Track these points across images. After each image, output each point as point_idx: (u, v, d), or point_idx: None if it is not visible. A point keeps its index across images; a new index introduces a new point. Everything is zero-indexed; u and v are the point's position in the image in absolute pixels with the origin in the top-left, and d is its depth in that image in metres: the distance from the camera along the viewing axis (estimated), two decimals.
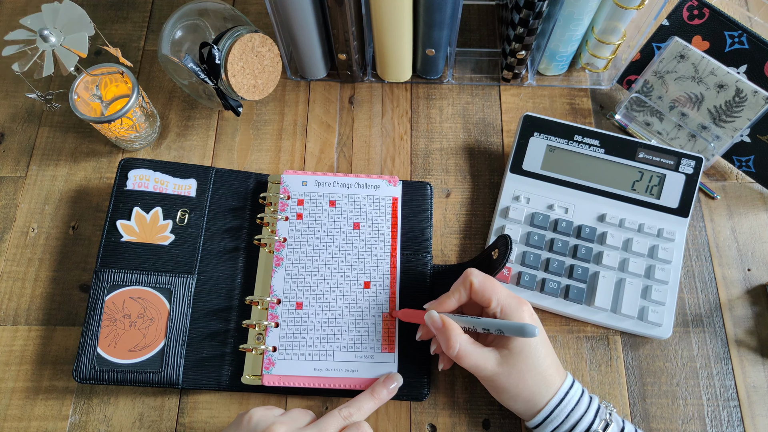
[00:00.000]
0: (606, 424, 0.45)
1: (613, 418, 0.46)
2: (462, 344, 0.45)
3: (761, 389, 0.53)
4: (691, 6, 0.57)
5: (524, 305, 0.46)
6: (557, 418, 0.45)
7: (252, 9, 0.71)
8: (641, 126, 0.63)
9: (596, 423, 0.44)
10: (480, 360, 0.45)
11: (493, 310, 0.46)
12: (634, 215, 0.57)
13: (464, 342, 0.46)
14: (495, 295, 0.46)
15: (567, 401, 0.45)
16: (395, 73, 0.64)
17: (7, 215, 0.59)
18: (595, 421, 0.45)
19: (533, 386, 0.45)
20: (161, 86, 0.66)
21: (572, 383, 0.46)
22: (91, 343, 0.51)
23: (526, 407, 0.46)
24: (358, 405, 0.47)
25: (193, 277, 0.54)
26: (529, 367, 0.45)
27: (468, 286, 0.47)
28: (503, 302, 0.46)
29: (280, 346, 0.51)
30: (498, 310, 0.46)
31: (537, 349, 0.45)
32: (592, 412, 0.45)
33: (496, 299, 0.46)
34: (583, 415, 0.45)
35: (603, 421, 0.45)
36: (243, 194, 0.58)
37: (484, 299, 0.47)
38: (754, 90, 0.54)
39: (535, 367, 0.45)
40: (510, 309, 0.46)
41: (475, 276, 0.47)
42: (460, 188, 0.61)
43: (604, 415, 0.45)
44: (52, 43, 0.50)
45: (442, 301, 0.48)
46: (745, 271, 0.58)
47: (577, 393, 0.46)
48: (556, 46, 0.62)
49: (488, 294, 0.46)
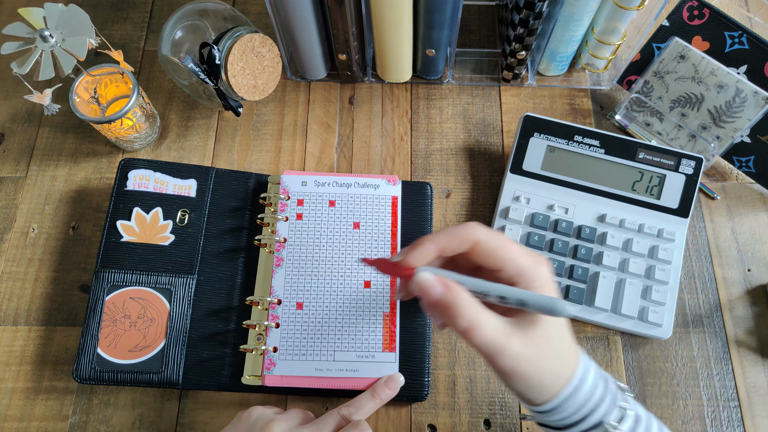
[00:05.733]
0: (622, 414, 0.36)
1: (632, 405, 0.37)
2: (477, 313, 0.33)
3: (761, 389, 0.53)
4: (691, 6, 0.57)
5: (543, 265, 0.36)
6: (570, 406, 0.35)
7: (252, 9, 0.71)
8: (641, 126, 0.63)
9: (612, 414, 0.35)
10: (498, 336, 0.33)
11: (507, 275, 0.35)
12: (634, 215, 0.57)
13: (479, 311, 0.34)
14: (509, 256, 0.35)
15: (583, 387, 0.36)
16: (395, 73, 0.64)
17: (7, 215, 0.59)
18: (611, 411, 0.36)
19: (555, 368, 0.35)
20: (161, 86, 0.66)
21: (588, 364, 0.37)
22: (91, 344, 0.51)
23: (542, 394, 0.35)
24: (357, 405, 0.47)
25: (193, 278, 0.54)
26: (552, 345, 0.35)
27: (469, 242, 0.36)
28: (520, 265, 0.35)
29: (280, 346, 0.51)
30: (514, 276, 0.35)
31: (558, 321, 0.36)
32: (609, 400, 0.36)
33: (512, 262, 0.35)
34: (598, 404, 0.35)
35: (619, 410, 0.36)
36: (243, 194, 0.58)
37: (491, 261, 0.35)
38: (754, 90, 0.54)
39: (557, 344, 0.35)
40: (529, 274, 0.35)
41: (482, 233, 0.36)
42: (460, 188, 0.61)
43: (619, 402, 0.36)
44: (51, 44, 0.50)
45: (422, 247, 0.36)
46: (745, 271, 0.58)
47: (593, 375, 0.36)
48: (556, 47, 0.62)
49: (499, 255, 0.35)
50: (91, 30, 0.51)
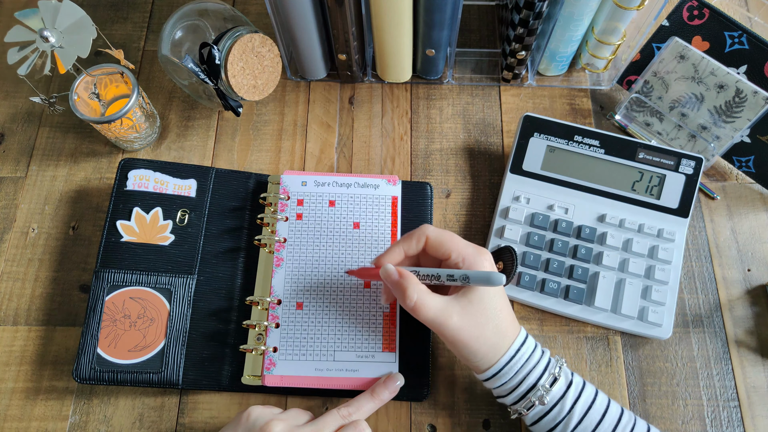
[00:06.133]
0: (554, 378, 0.44)
1: (563, 372, 0.45)
2: (420, 294, 0.43)
3: (761, 389, 0.53)
4: (691, 6, 0.57)
5: (484, 254, 0.45)
6: (509, 372, 0.44)
7: (252, 9, 0.71)
8: (641, 126, 0.63)
9: (544, 377, 0.44)
10: (439, 311, 0.43)
11: (454, 261, 0.45)
12: (634, 215, 0.57)
13: (422, 292, 0.43)
14: (454, 246, 0.45)
15: (520, 355, 0.44)
16: (395, 73, 0.64)
17: (7, 215, 0.59)
18: (543, 375, 0.44)
19: (491, 338, 0.44)
20: (161, 86, 0.66)
21: (526, 337, 0.46)
22: (91, 344, 0.51)
23: (483, 360, 0.44)
24: (357, 405, 0.47)
25: (193, 278, 0.54)
26: (488, 318, 0.44)
27: (422, 240, 0.46)
28: (464, 253, 0.45)
29: (281, 346, 0.51)
30: (459, 261, 0.45)
31: (495, 300, 0.45)
32: (542, 366, 0.45)
33: (456, 251, 0.45)
34: (532, 370, 0.44)
35: (551, 375, 0.44)
36: (243, 194, 0.58)
37: (442, 252, 0.45)
38: (754, 90, 0.54)
39: (493, 318, 0.44)
40: (471, 259, 0.44)
41: (431, 230, 0.46)
42: (460, 188, 0.61)
43: (553, 369, 0.45)
44: (52, 44, 0.50)
45: (390, 251, 0.47)
46: (745, 271, 0.58)
47: (530, 347, 0.45)
48: (556, 47, 0.62)
49: (446, 247, 0.45)
50: (92, 28, 0.51)
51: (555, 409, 0.44)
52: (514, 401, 0.45)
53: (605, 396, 0.46)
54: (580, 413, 0.44)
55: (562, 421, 0.44)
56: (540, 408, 0.44)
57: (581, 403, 0.44)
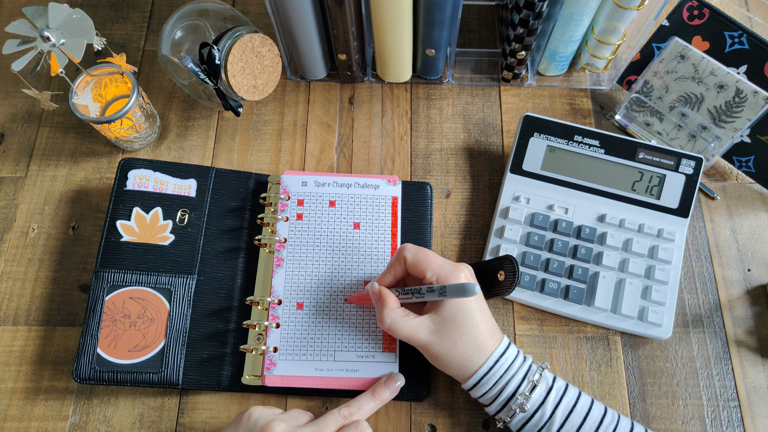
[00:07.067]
0: (533, 385, 0.45)
1: (543, 377, 0.46)
2: (392, 318, 0.46)
3: (761, 389, 0.53)
4: (691, 6, 0.57)
5: (460, 270, 0.47)
6: (488, 383, 0.45)
7: (252, 9, 0.71)
8: (641, 126, 0.63)
9: (523, 385, 0.45)
10: (411, 330, 0.46)
11: (428, 280, 0.47)
12: (634, 215, 0.57)
13: (395, 316, 0.46)
14: (429, 266, 0.47)
15: (499, 366, 0.45)
16: (395, 73, 0.64)
17: (7, 215, 0.59)
18: (522, 383, 0.45)
19: (465, 352, 0.45)
20: (161, 86, 0.66)
21: (507, 347, 0.47)
22: (91, 344, 0.51)
23: (459, 372, 0.46)
24: (358, 405, 0.47)
25: (193, 278, 0.54)
26: (461, 333, 0.45)
27: (402, 261, 0.48)
28: (438, 271, 0.46)
29: (281, 346, 0.51)
30: (434, 280, 0.46)
31: (471, 315, 0.46)
32: (521, 374, 0.46)
33: (431, 270, 0.47)
34: (511, 378, 0.45)
35: (530, 383, 0.45)
36: (243, 194, 0.58)
37: (419, 272, 0.47)
38: (754, 90, 0.54)
39: (467, 333, 0.45)
40: (446, 275, 0.46)
41: (408, 251, 0.48)
42: (460, 188, 0.61)
43: (532, 377, 0.45)
44: (50, 44, 0.50)
45: (381, 277, 0.50)
46: (745, 271, 0.58)
47: (511, 357, 0.46)
48: (556, 47, 0.62)
49: (422, 266, 0.47)
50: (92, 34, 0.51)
51: (536, 415, 0.45)
52: (497, 410, 0.46)
53: (588, 397, 0.46)
54: (561, 417, 0.45)
55: (545, 426, 0.45)
56: (522, 415, 0.45)
57: (562, 407, 0.45)
